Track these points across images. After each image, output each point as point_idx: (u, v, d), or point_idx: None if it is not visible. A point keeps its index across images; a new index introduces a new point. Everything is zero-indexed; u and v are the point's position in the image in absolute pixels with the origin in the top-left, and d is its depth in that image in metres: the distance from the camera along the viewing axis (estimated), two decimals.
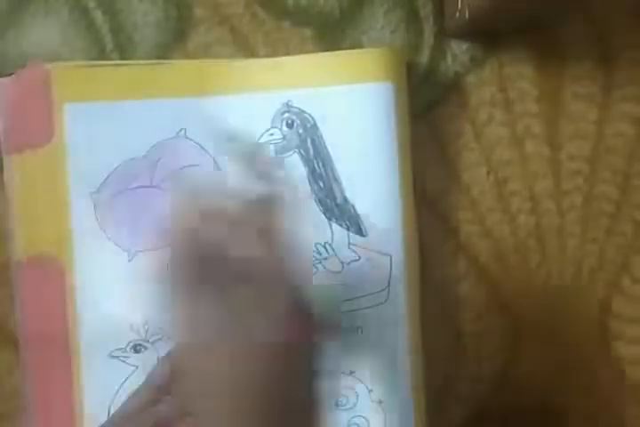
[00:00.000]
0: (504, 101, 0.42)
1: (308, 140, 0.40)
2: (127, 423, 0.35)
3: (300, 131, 0.40)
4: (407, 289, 0.40)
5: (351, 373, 0.40)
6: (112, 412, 0.37)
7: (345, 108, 0.40)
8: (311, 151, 0.40)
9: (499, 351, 0.42)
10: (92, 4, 0.41)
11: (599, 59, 0.42)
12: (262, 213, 0.32)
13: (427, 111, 0.42)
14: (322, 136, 0.40)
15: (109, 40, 0.41)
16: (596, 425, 0.42)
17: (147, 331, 0.39)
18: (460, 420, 0.41)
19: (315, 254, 0.40)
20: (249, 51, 0.41)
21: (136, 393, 0.37)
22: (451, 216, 0.42)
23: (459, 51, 0.42)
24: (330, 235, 0.40)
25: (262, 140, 0.40)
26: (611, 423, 0.42)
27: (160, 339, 0.39)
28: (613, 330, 0.43)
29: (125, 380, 0.39)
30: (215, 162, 0.40)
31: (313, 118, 0.40)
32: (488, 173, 0.42)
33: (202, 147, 0.40)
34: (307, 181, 0.40)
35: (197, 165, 0.40)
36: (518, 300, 0.42)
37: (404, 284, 0.40)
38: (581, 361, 0.42)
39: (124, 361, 0.39)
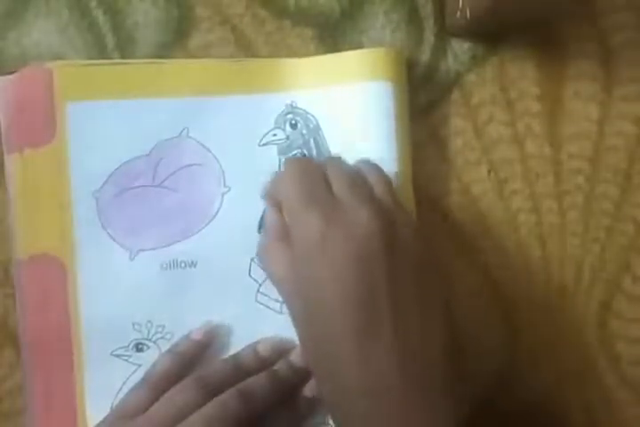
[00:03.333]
0: (505, 101, 0.42)
1: (311, 141, 0.40)
2: (126, 421, 0.35)
3: (304, 131, 0.40)
4: None
5: None
6: None
7: (345, 108, 0.40)
8: (314, 151, 0.40)
9: (498, 351, 0.42)
10: (92, 4, 0.41)
11: (600, 58, 0.42)
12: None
13: (427, 111, 0.42)
14: (324, 136, 0.40)
15: (110, 39, 0.41)
16: (595, 425, 0.42)
17: (149, 329, 0.39)
18: (460, 420, 0.41)
19: None
20: (250, 51, 0.41)
21: (135, 390, 0.37)
22: (451, 216, 0.42)
23: (459, 50, 0.42)
24: None
25: (265, 141, 0.40)
26: (611, 423, 0.42)
27: (162, 337, 0.39)
28: (613, 330, 0.43)
29: (128, 379, 0.38)
30: (218, 161, 0.40)
31: (316, 119, 0.40)
32: (489, 172, 0.42)
33: (204, 146, 0.40)
34: None
35: (200, 165, 0.40)
36: (518, 299, 0.42)
37: None
38: (581, 361, 0.42)
39: (126, 360, 0.39)
